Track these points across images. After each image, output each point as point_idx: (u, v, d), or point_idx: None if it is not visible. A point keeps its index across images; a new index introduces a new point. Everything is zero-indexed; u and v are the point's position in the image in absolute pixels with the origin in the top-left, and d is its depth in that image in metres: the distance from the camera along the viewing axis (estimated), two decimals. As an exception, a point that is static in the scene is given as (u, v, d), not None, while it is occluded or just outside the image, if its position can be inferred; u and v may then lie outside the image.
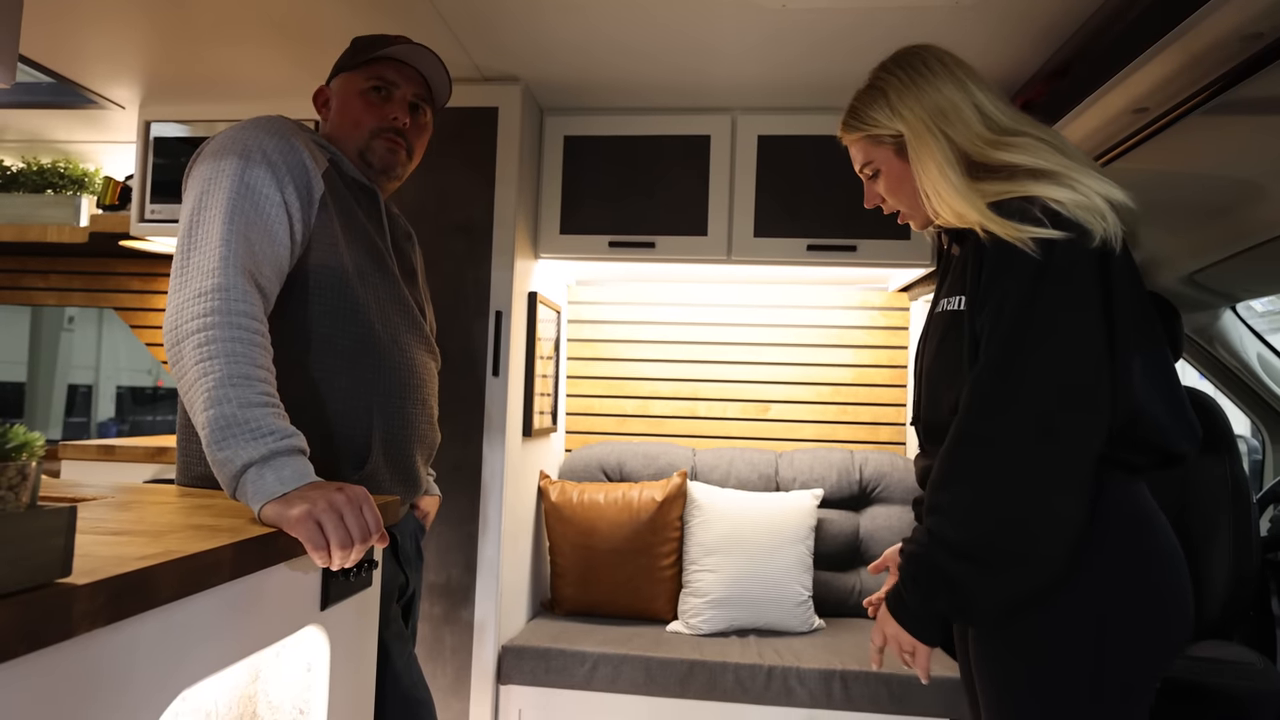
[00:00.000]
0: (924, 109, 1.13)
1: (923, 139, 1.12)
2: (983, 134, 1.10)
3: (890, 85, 1.17)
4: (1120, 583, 0.99)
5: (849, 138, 1.25)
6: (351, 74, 1.30)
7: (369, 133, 1.28)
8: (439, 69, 1.32)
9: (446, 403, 1.98)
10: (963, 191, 1.08)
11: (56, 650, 0.57)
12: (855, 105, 1.22)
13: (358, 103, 1.28)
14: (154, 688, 0.68)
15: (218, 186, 1.08)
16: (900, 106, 1.15)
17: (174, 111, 2.29)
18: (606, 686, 1.92)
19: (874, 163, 1.22)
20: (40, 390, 4.08)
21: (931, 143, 1.11)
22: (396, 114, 1.29)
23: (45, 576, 0.56)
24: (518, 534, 2.16)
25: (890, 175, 1.20)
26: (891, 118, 1.16)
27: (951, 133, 1.11)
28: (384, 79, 1.28)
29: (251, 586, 0.82)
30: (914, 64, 1.17)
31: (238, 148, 1.11)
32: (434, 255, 1.98)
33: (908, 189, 1.18)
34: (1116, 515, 1.01)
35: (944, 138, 1.11)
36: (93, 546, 0.72)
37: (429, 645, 1.96)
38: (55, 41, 1.87)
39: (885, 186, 1.22)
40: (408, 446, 1.27)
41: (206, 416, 0.92)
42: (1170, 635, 1.01)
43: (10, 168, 2.77)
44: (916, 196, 1.16)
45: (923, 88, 1.14)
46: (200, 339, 0.96)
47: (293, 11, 1.70)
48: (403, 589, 1.33)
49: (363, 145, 1.28)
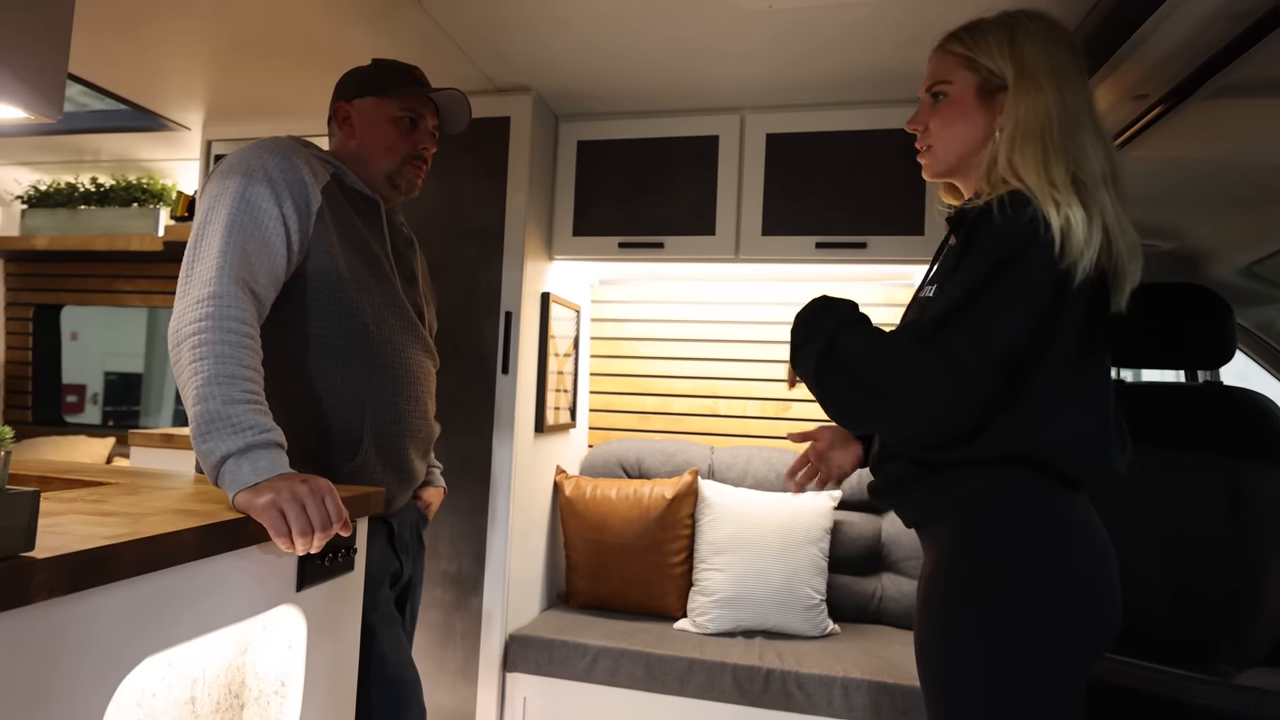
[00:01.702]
0: (1049, 64, 1.08)
1: (1039, 88, 1.06)
2: (1087, 118, 1.06)
3: (1023, 28, 1.11)
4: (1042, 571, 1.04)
5: (945, 48, 1.17)
6: (382, 100, 1.40)
7: (401, 159, 1.40)
8: (466, 114, 1.48)
9: (458, 399, 2.07)
10: (1046, 158, 1.03)
11: (17, 614, 0.65)
12: (975, 25, 1.15)
13: (391, 130, 1.40)
14: (117, 652, 0.76)
15: (221, 203, 1.18)
16: (1025, 47, 1.09)
17: (231, 131, 2.52)
18: (606, 680, 1.97)
19: (951, 85, 1.15)
20: (154, 381, 4.53)
21: (1049, 95, 1.05)
22: (425, 144, 1.43)
23: (8, 550, 0.64)
24: (530, 527, 2.23)
25: (957, 107, 1.14)
26: (1002, 53, 1.10)
27: (1070, 98, 1.06)
28: (415, 110, 1.41)
29: (221, 566, 0.90)
30: (1054, 25, 1.12)
31: (242, 167, 1.21)
32: (449, 259, 2.07)
33: (960, 129, 1.14)
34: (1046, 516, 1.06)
35: (1060, 98, 1.05)
36: (75, 526, 0.80)
37: (440, 631, 2.05)
38: (134, 76, 2.15)
39: (942, 115, 1.16)
40: (400, 440, 1.35)
41: (194, 411, 1.01)
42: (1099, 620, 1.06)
43: (104, 185, 3.08)
44: (967, 142, 1.13)
45: (1056, 46, 1.10)
46: (194, 341, 1.06)
47: (325, 42, 1.88)
48: (396, 575, 1.40)
49: (393, 169, 1.40)
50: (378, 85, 1.42)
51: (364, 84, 1.43)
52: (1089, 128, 1.05)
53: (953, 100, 1.14)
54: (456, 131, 1.50)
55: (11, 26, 1.01)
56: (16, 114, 1.08)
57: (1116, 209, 1.03)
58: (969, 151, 1.13)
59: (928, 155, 1.19)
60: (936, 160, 1.18)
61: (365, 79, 1.43)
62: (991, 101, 1.10)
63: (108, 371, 5.25)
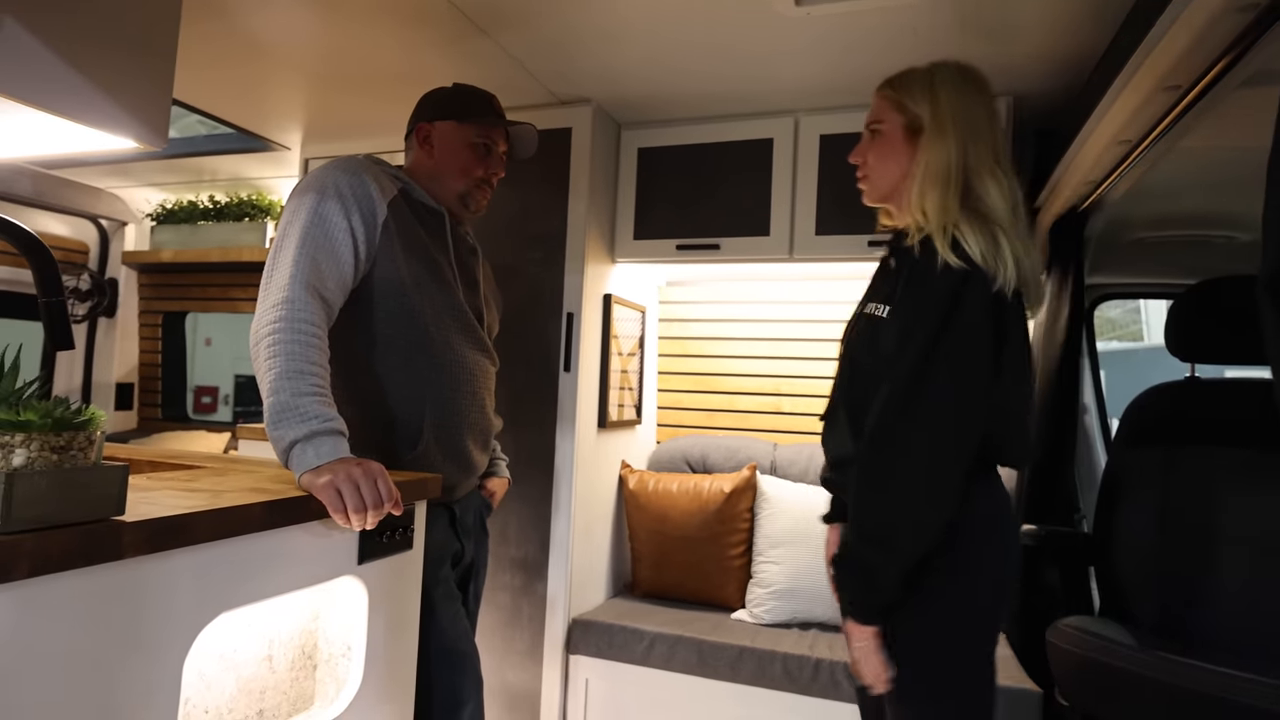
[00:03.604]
0: (959, 112, 1.23)
1: (945, 135, 1.22)
2: (989, 164, 1.22)
3: (940, 76, 1.26)
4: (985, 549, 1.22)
5: (880, 92, 1.33)
6: (461, 125, 1.53)
7: (474, 182, 1.53)
8: (534, 141, 1.62)
9: (523, 396, 2.20)
10: (945, 201, 1.20)
11: (110, 567, 0.79)
12: (904, 72, 1.32)
13: (468, 154, 1.52)
14: (195, 606, 0.89)
15: (297, 218, 1.32)
16: (940, 95, 1.24)
17: (326, 149, 2.76)
18: (662, 664, 2.05)
19: (884, 124, 1.30)
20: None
21: (951, 143, 1.21)
22: (496, 170, 1.55)
23: (103, 513, 0.78)
24: (594, 518, 2.33)
25: (887, 143, 1.29)
26: (924, 100, 1.25)
27: (970, 147, 1.21)
28: (490, 138, 1.54)
29: (286, 538, 1.03)
30: (970, 75, 1.27)
31: (317, 185, 1.35)
32: (516, 264, 2.20)
33: (891, 164, 1.29)
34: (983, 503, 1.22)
35: (962, 147, 1.21)
36: (165, 498, 0.95)
37: (509, 612, 2.18)
38: (242, 105, 2.41)
39: (876, 150, 1.31)
40: (458, 432, 1.47)
41: (268, 403, 1.15)
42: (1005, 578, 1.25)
43: (220, 202, 3.42)
44: (893, 175, 1.28)
45: (968, 95, 1.24)
46: (270, 340, 1.20)
47: (404, 67, 2.04)
48: (458, 556, 1.52)
49: (466, 190, 1.53)
50: (459, 110, 1.53)
51: (445, 107, 1.55)
52: (990, 169, 1.21)
53: (885, 137, 1.30)
54: (523, 158, 1.63)
55: (122, 70, 1.18)
56: (129, 144, 1.25)
57: (1022, 238, 1.18)
58: (897, 182, 1.29)
59: (865, 184, 1.35)
60: (873, 189, 1.34)
61: (447, 102, 1.55)
62: (916, 140, 1.26)
63: (237, 375, 5.82)
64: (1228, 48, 1.00)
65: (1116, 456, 1.79)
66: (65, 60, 1.10)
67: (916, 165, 1.23)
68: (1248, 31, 0.95)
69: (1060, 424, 1.88)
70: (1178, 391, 1.76)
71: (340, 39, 1.91)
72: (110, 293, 3.56)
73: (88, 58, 1.12)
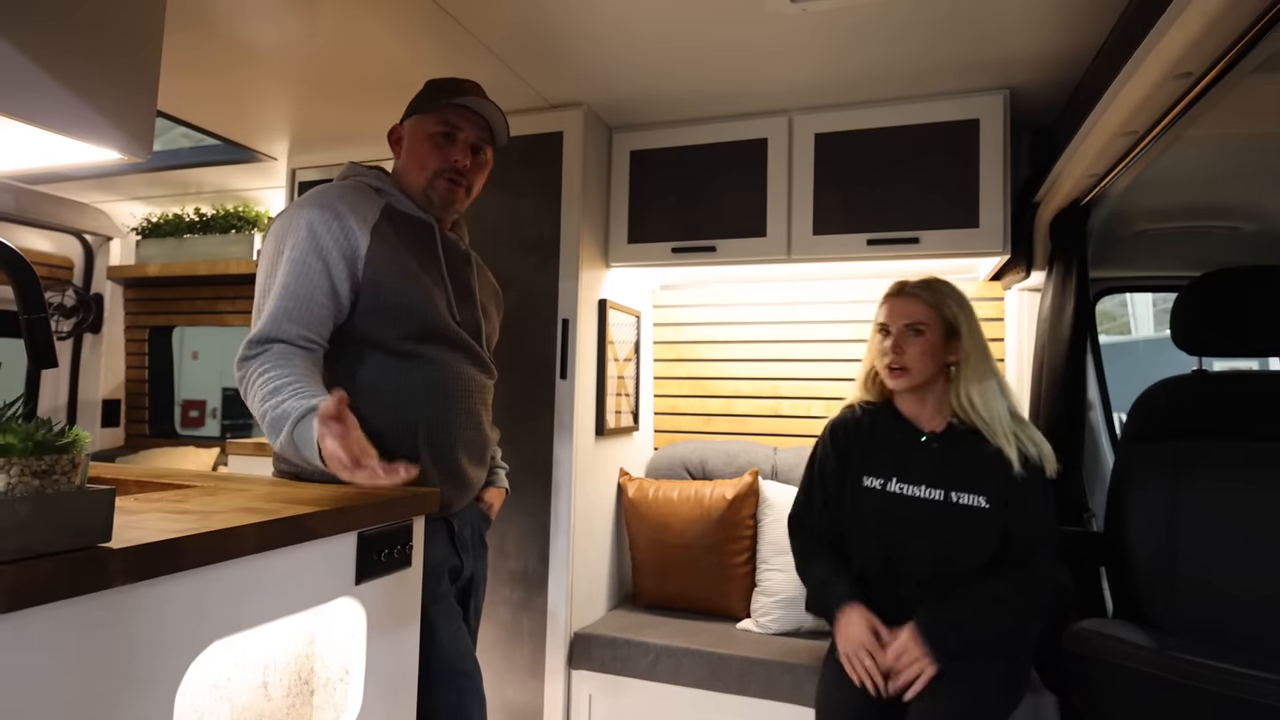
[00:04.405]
0: (974, 321, 1.66)
1: (976, 337, 1.64)
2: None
3: (954, 293, 1.67)
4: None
5: (922, 298, 1.64)
6: (423, 117, 1.48)
7: (433, 173, 1.47)
8: (499, 117, 1.50)
9: (520, 404, 2.16)
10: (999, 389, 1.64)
11: (97, 597, 0.74)
12: (934, 283, 1.67)
13: (426, 146, 1.47)
14: (188, 634, 0.85)
15: (277, 267, 1.33)
16: (965, 309, 1.65)
17: (313, 159, 2.71)
18: (669, 678, 2.00)
19: (928, 326, 1.63)
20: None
21: (982, 342, 1.65)
22: (458, 157, 1.47)
23: (89, 540, 0.74)
24: (594, 527, 2.29)
25: (930, 341, 1.63)
26: (960, 311, 1.64)
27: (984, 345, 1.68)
28: (451, 124, 1.46)
29: (281, 560, 0.99)
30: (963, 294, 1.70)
31: (294, 228, 1.34)
32: (510, 271, 2.16)
33: (931, 358, 1.63)
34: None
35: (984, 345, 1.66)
36: (154, 521, 0.90)
37: (509, 628, 2.13)
38: (227, 115, 2.37)
39: (921, 347, 1.62)
40: (451, 449, 1.44)
41: (265, 423, 1.20)
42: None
43: (205, 214, 3.36)
44: (935, 368, 1.64)
45: (969, 309, 1.68)
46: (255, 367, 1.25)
47: (393, 75, 2.00)
48: (456, 571, 1.48)
49: (426, 184, 1.47)
50: (423, 102, 1.49)
51: (414, 103, 1.51)
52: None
53: (928, 337, 1.63)
54: (502, 143, 1.54)
55: (105, 80, 1.14)
56: (112, 155, 1.21)
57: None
58: (935, 376, 1.65)
59: (903, 375, 1.64)
60: (911, 379, 1.64)
61: (417, 99, 1.51)
62: (952, 343, 1.64)
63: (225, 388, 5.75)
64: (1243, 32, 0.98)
65: (1125, 453, 1.76)
66: (46, 70, 1.06)
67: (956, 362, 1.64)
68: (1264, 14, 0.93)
69: (1069, 422, 1.85)
70: (1186, 385, 1.74)
71: (326, 46, 1.87)
72: (96, 308, 3.51)
73: (69, 67, 1.08)
